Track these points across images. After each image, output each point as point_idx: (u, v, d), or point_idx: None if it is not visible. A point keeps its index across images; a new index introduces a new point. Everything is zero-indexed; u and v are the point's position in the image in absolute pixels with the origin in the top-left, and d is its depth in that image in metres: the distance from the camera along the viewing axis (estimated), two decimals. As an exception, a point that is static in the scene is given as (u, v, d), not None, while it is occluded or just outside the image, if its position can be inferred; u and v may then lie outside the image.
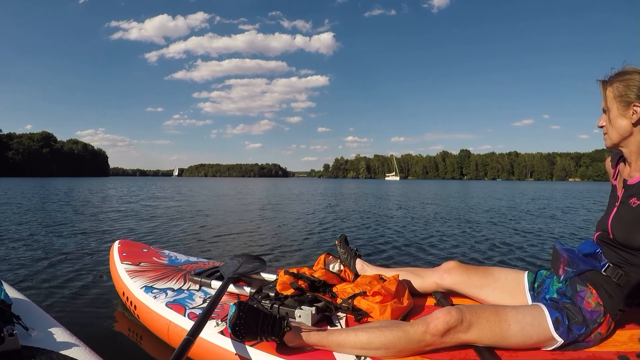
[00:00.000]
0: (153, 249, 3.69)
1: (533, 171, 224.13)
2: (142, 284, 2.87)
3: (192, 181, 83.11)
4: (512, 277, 2.23)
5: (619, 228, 1.79)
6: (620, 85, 1.77)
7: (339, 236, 2.90)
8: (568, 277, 1.91)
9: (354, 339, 1.81)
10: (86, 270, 4.50)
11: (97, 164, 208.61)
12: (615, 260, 1.83)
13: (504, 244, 6.96)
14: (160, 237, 7.23)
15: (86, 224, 8.87)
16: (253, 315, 1.80)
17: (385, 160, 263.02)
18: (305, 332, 1.88)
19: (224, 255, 5.67)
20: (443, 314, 1.74)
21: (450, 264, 2.39)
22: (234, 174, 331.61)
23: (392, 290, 2.23)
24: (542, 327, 1.76)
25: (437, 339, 1.74)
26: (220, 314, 2.28)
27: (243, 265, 2.91)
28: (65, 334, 1.86)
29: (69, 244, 6.29)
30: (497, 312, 1.80)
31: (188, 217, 10.83)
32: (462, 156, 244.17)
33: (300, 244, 6.74)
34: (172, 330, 2.37)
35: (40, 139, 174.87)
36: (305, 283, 2.41)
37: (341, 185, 53.59)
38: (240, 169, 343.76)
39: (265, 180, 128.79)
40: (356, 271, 2.70)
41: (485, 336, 1.75)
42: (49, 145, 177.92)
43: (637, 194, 1.75)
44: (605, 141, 1.89)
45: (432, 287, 2.44)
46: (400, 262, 5.37)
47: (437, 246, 6.68)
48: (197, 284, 2.84)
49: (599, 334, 1.79)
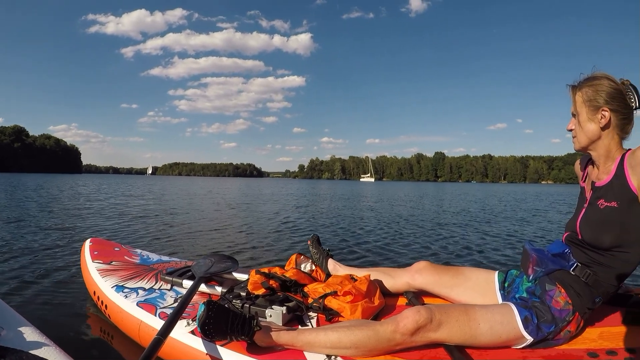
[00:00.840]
0: (125, 248, 3.65)
1: (506, 174, 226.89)
2: (113, 283, 2.84)
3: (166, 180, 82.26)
4: (482, 276, 2.26)
5: (587, 229, 1.84)
6: (589, 90, 1.83)
7: (312, 236, 2.91)
8: (537, 277, 1.94)
9: (324, 338, 1.82)
10: (57, 269, 4.43)
11: (69, 161, 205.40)
12: (583, 260, 1.87)
13: (475, 244, 7.05)
14: (132, 236, 7.13)
15: (57, 222, 8.71)
16: (222, 315, 1.79)
17: (361, 162, 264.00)
18: (275, 332, 1.88)
19: (196, 254, 5.62)
20: (412, 313, 1.76)
21: (422, 264, 2.41)
22: (209, 173, 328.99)
23: (363, 290, 2.25)
24: (511, 325, 1.79)
25: (406, 338, 1.76)
26: (192, 313, 2.28)
27: (215, 265, 2.90)
28: (35, 334, 1.83)
29: (39, 242, 6.16)
30: (467, 311, 1.82)
31: (161, 216, 10.71)
32: (436, 158, 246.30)
33: (272, 244, 6.72)
34: (143, 329, 2.35)
35: (12, 132, 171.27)
36: (277, 283, 2.41)
37: (316, 186, 53.53)
38: (214, 168, 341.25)
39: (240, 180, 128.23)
40: (328, 271, 2.70)
41: (455, 335, 1.77)
42: (20, 140, 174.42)
43: (604, 195, 1.80)
44: (574, 144, 1.95)
45: (403, 287, 2.45)
46: (372, 262, 5.39)
47: (409, 246, 6.72)
48: (168, 284, 2.82)
49: (569, 332, 1.83)
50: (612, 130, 1.82)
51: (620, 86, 1.79)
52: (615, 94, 1.78)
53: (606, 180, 1.82)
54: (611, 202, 1.77)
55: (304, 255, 2.86)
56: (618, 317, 1.99)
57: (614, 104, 1.78)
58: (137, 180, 68.84)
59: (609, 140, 1.83)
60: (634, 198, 1.70)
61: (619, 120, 1.80)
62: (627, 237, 1.74)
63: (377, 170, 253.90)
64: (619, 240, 1.75)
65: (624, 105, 1.78)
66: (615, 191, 1.77)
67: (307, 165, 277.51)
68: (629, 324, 1.93)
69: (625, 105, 1.78)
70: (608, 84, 1.80)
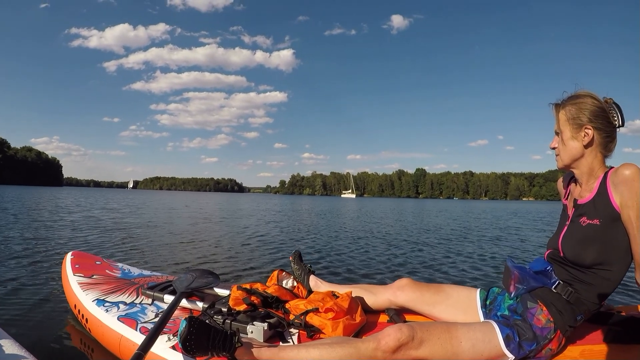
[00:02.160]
0: (106, 262, 3.63)
1: (488, 190, 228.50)
2: (94, 296, 2.82)
3: (147, 194, 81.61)
4: (464, 294, 2.26)
5: (569, 246, 1.86)
6: (573, 108, 1.86)
7: (293, 252, 2.91)
8: (519, 294, 1.95)
9: (306, 355, 1.82)
10: (37, 282, 4.38)
11: (50, 173, 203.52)
12: (565, 278, 1.88)
13: (456, 261, 7.09)
14: (114, 250, 7.07)
15: (37, 234, 8.61)
16: (204, 331, 1.78)
17: (342, 178, 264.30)
18: (256, 348, 1.88)
19: (178, 269, 5.60)
20: (394, 331, 1.76)
21: (403, 281, 2.42)
22: (190, 188, 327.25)
23: (344, 306, 2.25)
24: (492, 343, 1.80)
25: (388, 356, 1.75)
26: (173, 328, 2.27)
27: (196, 280, 2.88)
28: (14, 346, 1.82)
29: (20, 254, 6.09)
30: (449, 329, 1.83)
31: (142, 230, 10.62)
32: (417, 175, 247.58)
33: (254, 260, 6.70)
34: (124, 344, 2.34)
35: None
36: (258, 299, 2.41)
37: (297, 202, 53.42)
38: (195, 182, 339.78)
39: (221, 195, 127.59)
40: (309, 287, 2.71)
41: (437, 353, 1.77)
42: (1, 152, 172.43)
43: (587, 213, 1.82)
44: (557, 162, 1.97)
45: (385, 304, 2.45)
46: (354, 279, 5.38)
47: (391, 264, 6.73)
48: (149, 298, 2.80)
49: (550, 350, 1.84)
50: (595, 148, 1.84)
51: (604, 104, 1.82)
52: (598, 112, 1.81)
53: (589, 197, 1.84)
54: (593, 219, 1.79)
55: (285, 271, 2.86)
56: (600, 335, 2.00)
57: (597, 122, 1.81)
58: (118, 194, 68.25)
59: (592, 158, 1.85)
60: (616, 216, 1.72)
61: (602, 138, 1.83)
62: (609, 255, 1.76)
63: (359, 186, 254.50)
64: (600, 258, 1.77)
65: (607, 124, 1.81)
66: (598, 209, 1.78)
67: (289, 180, 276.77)
68: (611, 342, 1.93)
69: (608, 124, 1.81)
70: (591, 102, 1.82)
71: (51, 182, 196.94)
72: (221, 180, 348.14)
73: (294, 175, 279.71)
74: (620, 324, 2.04)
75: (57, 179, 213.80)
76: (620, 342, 1.93)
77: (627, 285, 4.68)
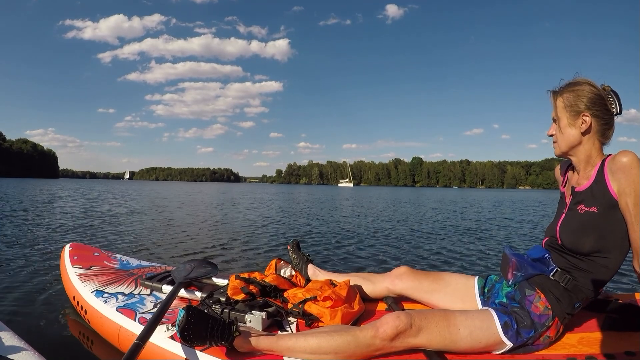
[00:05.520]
0: (104, 253, 3.62)
1: (484, 179, 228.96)
2: (93, 288, 2.82)
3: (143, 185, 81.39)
4: (462, 282, 2.26)
5: (567, 234, 1.86)
6: (570, 96, 1.85)
7: (291, 241, 2.91)
8: (517, 282, 1.95)
9: (304, 343, 1.83)
10: (36, 274, 4.38)
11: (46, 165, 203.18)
12: (563, 265, 1.88)
13: (454, 249, 7.11)
14: (112, 241, 7.07)
15: (36, 227, 8.61)
16: (202, 320, 1.79)
17: (338, 167, 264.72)
18: (255, 337, 1.88)
19: (176, 260, 5.60)
20: (392, 319, 1.77)
21: (401, 269, 2.42)
22: (186, 178, 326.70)
23: (342, 295, 2.25)
24: (490, 331, 1.80)
25: (386, 344, 1.77)
26: (171, 318, 2.27)
27: (195, 270, 2.88)
28: (14, 338, 1.82)
29: (18, 246, 6.10)
30: (446, 316, 1.83)
31: (140, 221, 10.62)
32: (414, 164, 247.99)
33: (252, 249, 6.71)
34: (123, 335, 2.34)
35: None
36: (256, 288, 2.42)
37: (294, 191, 53.33)
38: (191, 173, 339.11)
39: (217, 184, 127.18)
40: (308, 276, 2.71)
41: (435, 340, 1.78)
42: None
43: (584, 200, 1.82)
44: (555, 149, 1.97)
45: (383, 293, 2.46)
46: (352, 268, 5.41)
47: (389, 252, 6.75)
48: (148, 289, 2.80)
49: (548, 337, 1.84)
50: (593, 135, 1.84)
51: (601, 92, 1.81)
52: (596, 99, 1.80)
53: (586, 185, 1.84)
54: (591, 207, 1.79)
55: (283, 260, 2.86)
56: (597, 322, 2.01)
57: (595, 110, 1.80)
58: (114, 185, 68.14)
59: (590, 145, 1.85)
60: (614, 204, 1.72)
61: (600, 125, 1.82)
62: (606, 242, 1.76)
63: (355, 175, 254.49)
64: (598, 245, 1.77)
65: (604, 111, 1.81)
66: (595, 196, 1.79)
67: (285, 170, 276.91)
68: (608, 329, 1.94)
69: (606, 111, 1.81)
70: (589, 90, 1.82)
71: (47, 174, 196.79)
72: (217, 170, 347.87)
73: (291, 164, 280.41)
74: (618, 311, 2.05)
75: (53, 170, 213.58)
76: (618, 329, 1.93)
77: (625, 272, 4.69)
